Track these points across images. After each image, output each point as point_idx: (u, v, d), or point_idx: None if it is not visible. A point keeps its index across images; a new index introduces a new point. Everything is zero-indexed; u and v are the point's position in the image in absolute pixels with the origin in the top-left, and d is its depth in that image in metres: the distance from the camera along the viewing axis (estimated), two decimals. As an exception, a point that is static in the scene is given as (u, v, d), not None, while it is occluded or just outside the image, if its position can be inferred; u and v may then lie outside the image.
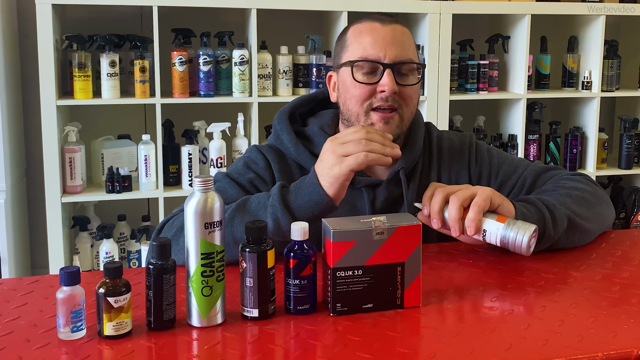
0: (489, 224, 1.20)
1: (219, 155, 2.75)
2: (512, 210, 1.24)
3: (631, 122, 3.25)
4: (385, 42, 1.35)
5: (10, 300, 1.07)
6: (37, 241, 2.96)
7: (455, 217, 1.21)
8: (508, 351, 0.91)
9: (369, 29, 1.37)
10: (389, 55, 1.34)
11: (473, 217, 1.20)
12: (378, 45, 1.34)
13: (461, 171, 1.48)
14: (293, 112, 1.50)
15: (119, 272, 0.94)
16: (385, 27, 1.36)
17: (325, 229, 1.02)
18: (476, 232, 1.20)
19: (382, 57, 1.34)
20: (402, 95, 1.36)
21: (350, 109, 1.38)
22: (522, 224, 1.19)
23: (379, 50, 1.34)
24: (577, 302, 1.08)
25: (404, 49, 1.36)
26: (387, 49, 1.34)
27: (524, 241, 1.17)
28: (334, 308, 1.02)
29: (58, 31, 2.65)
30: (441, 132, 1.55)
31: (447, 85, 2.95)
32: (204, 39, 2.73)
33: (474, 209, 1.20)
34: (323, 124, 1.46)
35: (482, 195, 1.22)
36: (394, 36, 1.36)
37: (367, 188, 1.41)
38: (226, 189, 1.39)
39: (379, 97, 1.35)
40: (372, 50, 1.35)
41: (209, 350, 0.92)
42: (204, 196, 0.97)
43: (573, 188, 1.38)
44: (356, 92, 1.36)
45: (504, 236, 1.19)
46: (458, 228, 1.21)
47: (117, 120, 2.97)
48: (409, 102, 1.38)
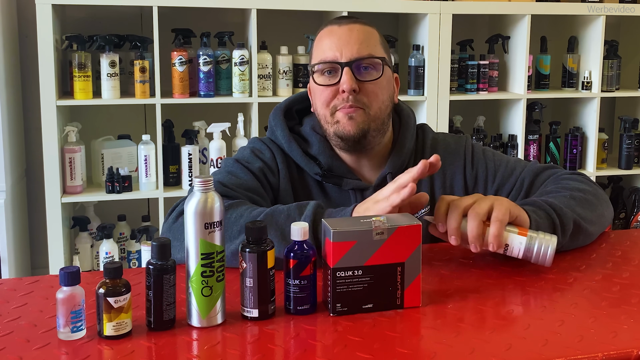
0: (511, 239, 1.18)
1: (219, 155, 2.75)
2: (527, 219, 1.21)
3: (631, 122, 3.25)
4: (342, 42, 1.36)
5: (10, 300, 1.07)
6: (37, 241, 2.96)
7: (476, 234, 1.16)
8: (508, 351, 0.91)
9: (327, 32, 1.39)
10: (345, 54, 1.35)
11: (497, 233, 1.16)
12: (335, 46, 1.36)
13: (456, 174, 1.48)
14: (290, 109, 1.50)
15: (118, 272, 0.94)
16: (342, 28, 1.38)
17: (325, 229, 1.02)
18: (499, 248, 1.18)
19: (339, 57, 1.35)
20: (366, 92, 1.36)
21: (320, 113, 1.40)
22: (544, 236, 1.17)
23: (336, 51, 1.35)
24: (577, 302, 1.08)
25: (362, 46, 1.36)
26: (343, 49, 1.35)
27: (549, 254, 1.16)
28: (334, 308, 1.02)
29: (58, 31, 2.65)
30: (437, 134, 1.54)
31: (447, 85, 2.95)
32: (204, 39, 2.73)
33: (495, 225, 1.16)
34: (315, 124, 1.46)
35: (501, 209, 1.17)
36: (350, 35, 1.36)
37: (354, 191, 1.42)
38: (238, 174, 1.39)
39: (340, 98, 1.35)
40: (329, 52, 1.36)
41: (209, 351, 0.92)
42: (204, 196, 0.97)
43: (576, 189, 1.37)
44: (321, 96, 1.38)
45: (528, 249, 1.17)
46: (479, 245, 1.17)
47: (117, 121, 2.97)
48: (374, 98, 1.37)
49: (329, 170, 1.42)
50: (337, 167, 1.43)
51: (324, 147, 1.42)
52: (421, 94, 2.94)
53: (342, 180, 1.41)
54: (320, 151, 1.42)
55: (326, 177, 1.42)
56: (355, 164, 1.45)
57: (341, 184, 1.41)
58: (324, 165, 1.42)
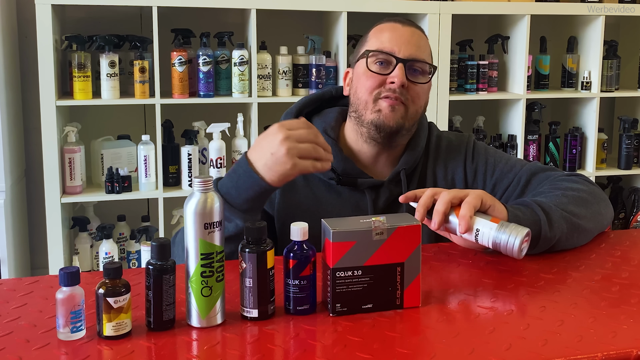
0: (482, 224, 1.19)
1: (218, 155, 2.75)
2: (504, 212, 1.24)
3: (630, 123, 3.25)
4: (402, 40, 1.41)
5: (9, 300, 1.07)
6: (36, 241, 2.96)
7: (440, 209, 1.20)
8: (508, 351, 0.91)
9: (390, 27, 1.45)
10: (404, 51, 1.41)
11: (464, 213, 1.19)
12: (395, 40, 1.41)
13: (457, 168, 1.51)
14: (300, 112, 1.54)
15: (118, 272, 0.94)
16: (405, 28, 1.44)
17: (325, 229, 1.02)
18: (467, 230, 1.19)
19: (397, 52, 1.41)
20: (410, 91, 1.41)
21: (360, 97, 1.43)
22: (515, 227, 1.18)
23: (395, 45, 1.41)
24: (577, 302, 1.08)
25: (419, 50, 1.42)
26: (402, 46, 1.41)
27: (516, 244, 1.17)
28: (334, 308, 1.02)
29: (58, 31, 2.65)
30: (441, 132, 1.58)
31: (447, 85, 2.95)
32: (204, 39, 2.73)
33: (464, 206, 1.20)
34: (326, 125, 1.49)
35: (472, 194, 1.22)
36: (411, 36, 1.43)
37: (369, 190, 1.46)
38: None
39: (387, 87, 1.40)
40: (388, 44, 1.42)
41: (208, 351, 0.92)
42: (204, 196, 0.97)
43: (569, 188, 1.39)
44: (368, 81, 1.42)
45: (496, 237, 1.18)
46: (438, 221, 1.20)
47: (116, 121, 2.97)
48: (416, 99, 1.43)
49: (343, 173, 1.46)
50: (349, 168, 1.46)
51: (336, 152, 1.45)
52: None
53: (356, 181, 1.45)
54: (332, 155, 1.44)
55: (341, 182, 1.45)
56: (372, 158, 1.48)
57: (356, 184, 1.45)
58: (337, 169, 1.45)
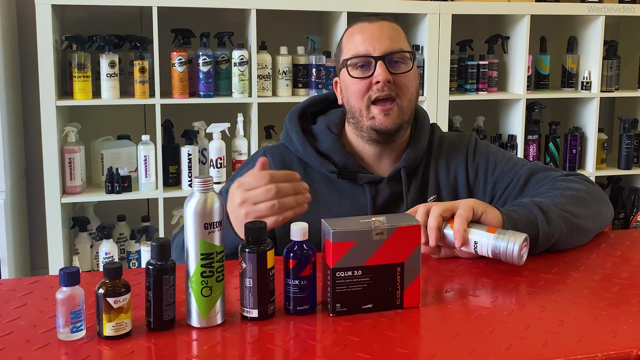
0: (478, 235, 1.19)
1: (218, 155, 2.75)
2: (498, 216, 1.24)
3: (630, 123, 3.25)
4: (374, 38, 1.43)
5: (9, 300, 1.07)
6: (36, 242, 2.96)
7: (433, 225, 1.21)
8: (508, 351, 0.91)
9: (358, 29, 1.46)
10: (378, 48, 1.42)
11: (457, 228, 1.20)
12: (367, 41, 1.43)
13: (459, 166, 1.53)
14: (305, 111, 1.56)
15: (118, 272, 0.94)
16: (373, 25, 1.45)
17: (325, 229, 1.02)
18: (463, 244, 1.20)
19: (372, 51, 1.42)
20: (398, 84, 1.43)
21: (353, 106, 1.46)
22: (512, 233, 1.18)
23: (369, 45, 1.43)
24: (577, 302, 1.08)
25: (392, 41, 1.43)
26: (375, 44, 1.42)
27: (515, 250, 1.17)
28: (334, 308, 1.02)
29: (57, 31, 2.65)
30: (444, 133, 1.60)
31: (447, 85, 2.95)
32: (204, 39, 2.73)
33: (457, 220, 1.21)
34: (330, 122, 1.52)
35: (463, 206, 1.22)
36: (381, 31, 1.44)
37: (369, 185, 1.48)
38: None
39: (375, 88, 1.42)
40: (362, 46, 1.43)
41: (208, 351, 0.92)
42: (204, 196, 0.97)
43: (568, 188, 1.39)
44: (355, 88, 1.44)
45: (495, 246, 1.18)
46: (434, 237, 1.21)
47: (116, 121, 2.97)
48: (406, 90, 1.44)
49: (344, 167, 1.48)
50: (350, 164, 1.48)
51: (338, 146, 1.48)
52: (421, 94, 2.94)
53: (356, 175, 1.47)
54: (334, 150, 1.48)
55: (342, 174, 1.47)
56: (374, 157, 1.50)
57: (356, 179, 1.47)
58: (339, 163, 1.48)
